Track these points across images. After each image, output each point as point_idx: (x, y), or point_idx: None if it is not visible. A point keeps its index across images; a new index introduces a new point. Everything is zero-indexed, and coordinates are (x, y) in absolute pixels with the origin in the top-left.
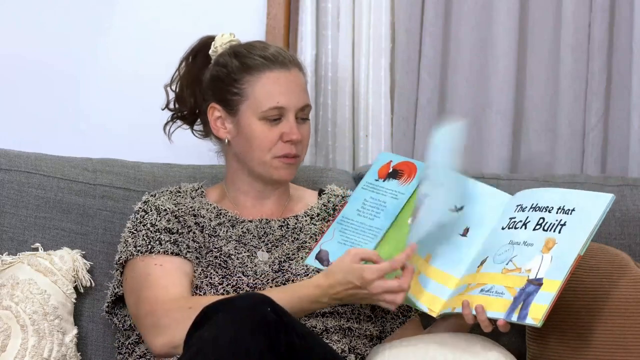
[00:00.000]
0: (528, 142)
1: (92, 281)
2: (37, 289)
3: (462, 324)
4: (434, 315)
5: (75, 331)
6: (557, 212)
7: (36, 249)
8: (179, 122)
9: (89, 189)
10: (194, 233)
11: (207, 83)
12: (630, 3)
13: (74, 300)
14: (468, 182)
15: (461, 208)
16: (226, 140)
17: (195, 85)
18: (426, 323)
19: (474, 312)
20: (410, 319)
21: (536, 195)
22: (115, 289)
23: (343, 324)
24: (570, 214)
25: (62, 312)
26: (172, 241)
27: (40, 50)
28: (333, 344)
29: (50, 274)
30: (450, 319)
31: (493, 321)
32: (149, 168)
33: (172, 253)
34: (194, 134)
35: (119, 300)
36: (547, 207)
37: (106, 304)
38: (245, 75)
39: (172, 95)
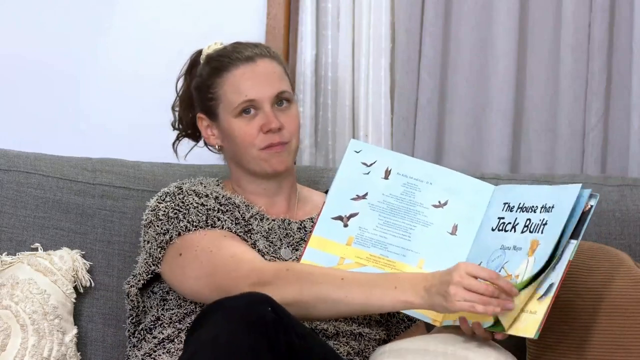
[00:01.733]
0: (528, 142)
1: (91, 281)
2: (36, 289)
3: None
4: (437, 324)
5: (75, 331)
6: (540, 212)
7: (35, 249)
8: (192, 142)
9: (89, 189)
10: (236, 225)
11: (193, 95)
12: (630, 3)
13: (74, 300)
14: (447, 173)
15: (445, 203)
16: (217, 147)
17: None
18: (430, 326)
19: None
20: (415, 323)
21: (521, 193)
22: (150, 266)
23: (354, 329)
24: (551, 211)
25: (61, 311)
26: (231, 220)
27: (40, 50)
28: (342, 347)
29: (50, 274)
30: None
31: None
32: (148, 168)
33: (235, 232)
34: (209, 149)
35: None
36: (533, 206)
37: (142, 282)
38: (215, 79)
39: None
